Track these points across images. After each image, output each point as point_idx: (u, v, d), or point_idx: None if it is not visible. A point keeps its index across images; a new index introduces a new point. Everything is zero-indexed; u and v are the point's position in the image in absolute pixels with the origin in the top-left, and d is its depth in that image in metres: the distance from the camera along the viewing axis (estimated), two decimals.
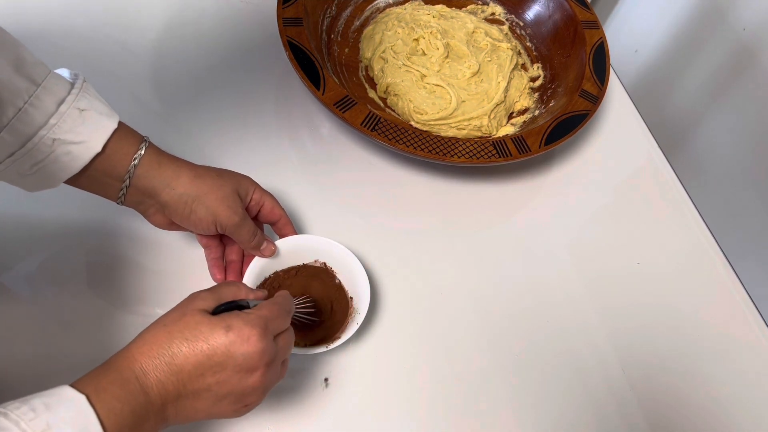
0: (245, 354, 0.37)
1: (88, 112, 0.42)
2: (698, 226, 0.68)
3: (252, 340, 0.37)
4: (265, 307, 0.41)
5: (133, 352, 0.36)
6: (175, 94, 0.67)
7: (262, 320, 0.39)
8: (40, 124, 0.40)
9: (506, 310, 0.58)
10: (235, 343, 0.37)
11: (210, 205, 0.47)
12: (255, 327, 0.38)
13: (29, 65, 0.40)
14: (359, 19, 0.78)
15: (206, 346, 0.36)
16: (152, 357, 0.36)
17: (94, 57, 0.67)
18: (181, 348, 0.36)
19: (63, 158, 0.42)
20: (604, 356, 0.57)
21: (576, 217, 0.67)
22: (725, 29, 0.93)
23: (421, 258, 0.60)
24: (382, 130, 0.59)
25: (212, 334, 0.37)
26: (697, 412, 0.56)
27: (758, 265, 0.87)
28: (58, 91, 0.41)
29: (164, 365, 0.36)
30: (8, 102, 0.39)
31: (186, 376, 0.36)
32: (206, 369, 0.37)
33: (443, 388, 0.53)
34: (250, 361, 0.37)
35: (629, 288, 0.62)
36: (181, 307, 0.39)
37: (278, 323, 0.41)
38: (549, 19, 0.78)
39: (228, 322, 0.38)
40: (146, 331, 0.38)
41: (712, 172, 0.98)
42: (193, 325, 0.37)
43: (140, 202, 0.47)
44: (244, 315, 0.39)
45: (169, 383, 0.36)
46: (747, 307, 0.63)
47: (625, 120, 0.77)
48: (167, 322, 0.38)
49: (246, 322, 0.38)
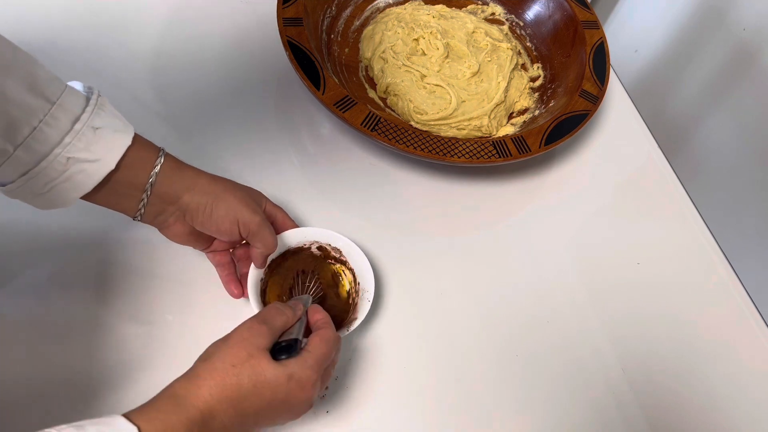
0: (301, 400, 0.41)
1: (103, 130, 0.42)
2: (698, 226, 0.68)
3: (307, 386, 0.40)
4: (320, 348, 0.43)
5: (203, 392, 0.37)
6: (174, 94, 0.67)
7: (319, 365, 0.42)
8: (54, 143, 0.40)
9: (506, 310, 0.58)
10: (293, 391, 0.40)
11: (231, 204, 0.47)
12: (314, 374, 0.41)
13: (43, 82, 0.40)
14: (359, 19, 0.78)
15: (269, 394, 0.39)
16: (222, 401, 0.37)
17: (93, 57, 0.67)
18: (249, 396, 0.38)
19: (77, 176, 0.42)
20: (604, 356, 0.57)
21: (576, 217, 0.67)
22: (725, 29, 0.93)
23: (421, 258, 0.60)
24: (382, 130, 0.59)
25: (277, 383, 0.39)
26: (698, 411, 0.56)
27: (758, 265, 0.87)
28: (72, 108, 0.41)
29: (232, 410, 0.37)
30: (23, 121, 0.39)
31: (246, 419, 0.39)
32: (265, 412, 0.39)
33: (443, 388, 0.53)
34: (308, 403, 0.41)
35: (629, 288, 0.62)
36: (243, 343, 0.40)
37: (330, 358, 0.43)
38: (549, 19, 0.78)
39: (290, 371, 0.40)
40: (213, 367, 0.38)
41: (712, 172, 0.98)
42: (260, 371, 0.39)
43: (160, 212, 0.47)
44: (302, 361, 0.41)
45: (232, 425, 0.38)
46: (747, 308, 0.63)
47: (625, 120, 0.77)
48: (235, 362, 0.39)
49: (304, 368, 0.41)
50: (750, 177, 0.91)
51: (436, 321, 0.56)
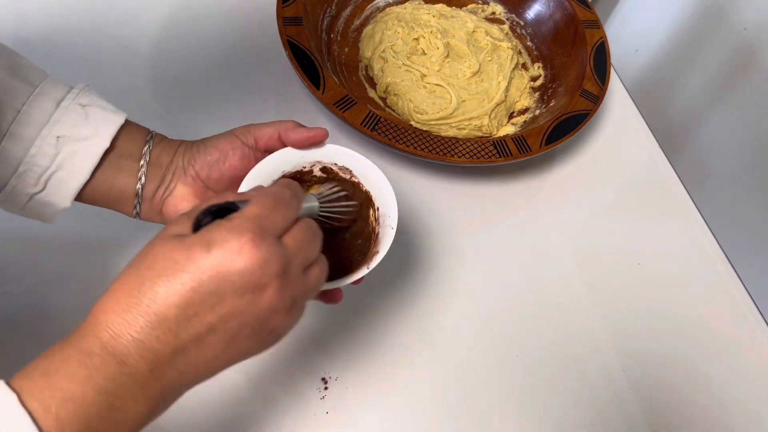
0: (241, 271, 0.28)
1: (92, 108, 0.40)
2: (699, 226, 0.68)
3: (245, 250, 0.28)
4: (254, 203, 0.31)
5: (96, 314, 0.28)
6: (174, 93, 0.67)
7: (252, 221, 0.30)
8: (41, 123, 0.38)
9: (506, 310, 0.58)
10: (224, 261, 0.28)
11: (224, 134, 0.44)
12: (244, 232, 0.29)
13: (25, 69, 0.39)
14: (359, 19, 0.78)
15: (187, 276, 0.28)
16: (120, 312, 0.28)
17: (93, 57, 0.67)
18: (156, 288, 0.28)
19: (70, 162, 0.39)
20: (605, 356, 0.57)
21: (577, 217, 0.67)
22: (726, 29, 0.93)
23: (421, 258, 0.60)
24: (382, 130, 0.59)
25: (190, 258, 0.28)
26: (698, 411, 0.56)
27: (759, 265, 0.87)
28: (56, 93, 0.40)
29: (139, 318, 0.27)
30: (6, 104, 0.37)
31: (174, 323, 0.28)
32: (198, 306, 0.28)
33: (443, 388, 0.53)
34: (251, 278, 0.29)
35: (630, 288, 0.62)
36: (151, 241, 0.30)
37: (277, 217, 0.31)
38: (549, 19, 0.78)
39: (207, 237, 0.29)
40: (112, 283, 0.29)
41: (713, 172, 0.98)
42: (165, 254, 0.28)
43: (160, 181, 0.43)
44: (226, 222, 0.30)
45: (153, 339, 0.28)
46: (748, 308, 0.63)
47: (626, 120, 0.77)
48: (134, 263, 0.29)
49: (230, 229, 0.29)
50: (751, 177, 0.91)
51: (436, 321, 0.56)
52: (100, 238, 0.55)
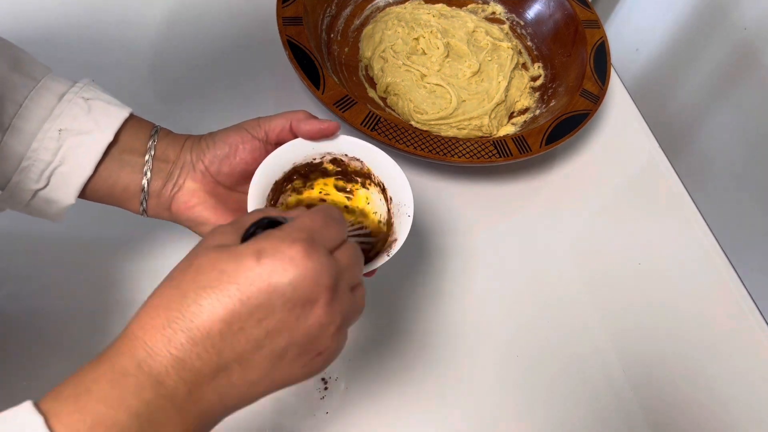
0: (293, 281, 0.27)
1: (95, 101, 0.40)
2: (700, 226, 0.68)
3: (297, 259, 0.27)
4: (305, 216, 0.30)
5: (132, 330, 0.26)
6: (173, 93, 0.67)
7: (305, 231, 0.28)
8: (43, 117, 0.38)
9: (506, 310, 0.58)
10: (274, 272, 0.26)
11: (233, 128, 0.43)
12: (296, 241, 0.27)
13: (27, 64, 0.39)
14: (359, 18, 0.78)
15: (235, 288, 0.26)
16: (159, 328, 0.26)
17: (93, 57, 0.67)
18: (201, 302, 0.26)
19: (73, 156, 0.38)
20: (605, 356, 0.57)
21: (577, 217, 0.67)
22: (727, 29, 0.93)
23: (421, 258, 0.60)
24: (382, 130, 0.59)
25: (239, 268, 0.26)
26: (698, 411, 0.56)
27: (760, 265, 0.86)
28: (59, 87, 0.40)
29: (180, 334, 0.26)
30: (7, 99, 0.37)
31: (219, 339, 0.26)
32: (245, 320, 0.26)
33: (443, 388, 0.53)
34: (302, 289, 0.27)
35: (630, 288, 0.62)
36: (190, 252, 0.29)
37: (328, 233, 0.30)
38: (550, 18, 0.78)
39: (257, 246, 0.27)
40: (149, 298, 0.28)
41: (713, 172, 0.98)
42: (211, 265, 0.27)
43: (168, 175, 0.42)
44: (277, 231, 0.28)
45: (194, 357, 0.26)
46: (748, 308, 0.63)
47: (627, 119, 0.77)
48: (173, 275, 0.28)
49: (282, 238, 0.28)
50: (752, 177, 0.91)
51: (436, 321, 0.56)
52: (104, 238, 0.55)
